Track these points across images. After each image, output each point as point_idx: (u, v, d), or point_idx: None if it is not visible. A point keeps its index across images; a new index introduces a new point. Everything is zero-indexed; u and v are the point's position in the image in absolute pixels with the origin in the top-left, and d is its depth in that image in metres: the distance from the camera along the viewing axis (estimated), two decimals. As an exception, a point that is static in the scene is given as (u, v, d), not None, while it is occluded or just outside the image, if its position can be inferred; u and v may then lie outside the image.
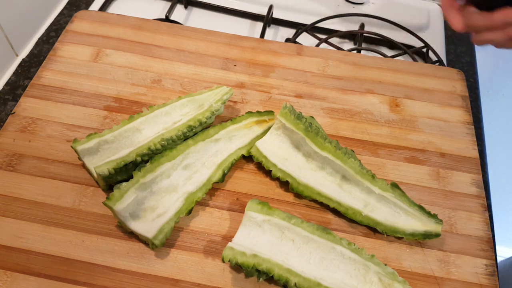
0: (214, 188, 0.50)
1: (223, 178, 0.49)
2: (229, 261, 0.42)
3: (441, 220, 0.47)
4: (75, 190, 0.48)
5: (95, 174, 0.47)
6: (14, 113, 0.54)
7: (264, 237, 0.44)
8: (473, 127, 0.57)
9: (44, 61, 0.59)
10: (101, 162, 0.46)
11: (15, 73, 0.62)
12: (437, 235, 0.46)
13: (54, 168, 0.50)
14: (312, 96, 0.58)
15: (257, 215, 0.44)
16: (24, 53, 0.65)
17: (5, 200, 0.47)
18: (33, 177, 0.49)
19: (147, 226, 0.44)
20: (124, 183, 0.44)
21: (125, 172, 0.47)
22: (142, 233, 0.44)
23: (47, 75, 0.57)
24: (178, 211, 0.45)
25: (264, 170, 0.51)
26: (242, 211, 0.48)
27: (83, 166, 0.50)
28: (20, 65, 0.63)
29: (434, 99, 0.60)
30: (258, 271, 0.42)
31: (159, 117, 0.51)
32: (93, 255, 0.44)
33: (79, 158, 0.48)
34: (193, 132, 0.50)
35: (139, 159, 0.46)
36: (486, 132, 0.65)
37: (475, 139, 0.56)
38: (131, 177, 0.46)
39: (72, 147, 0.48)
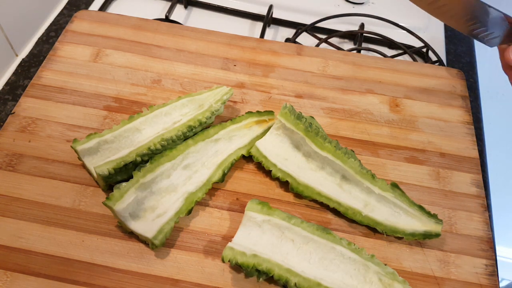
0: (214, 188, 0.50)
1: (223, 178, 0.49)
2: (229, 261, 0.42)
3: (441, 220, 0.47)
4: (75, 190, 0.48)
5: (95, 174, 0.47)
6: (14, 113, 0.54)
7: (264, 237, 0.44)
8: (473, 127, 0.57)
9: (44, 61, 0.59)
10: (101, 162, 0.46)
11: (15, 73, 0.62)
12: (437, 235, 0.46)
13: (54, 168, 0.50)
14: (312, 96, 0.58)
15: (257, 215, 0.44)
16: (24, 53, 0.65)
17: (5, 200, 0.47)
18: (33, 177, 0.49)
19: (147, 226, 0.44)
20: (124, 183, 0.44)
21: (125, 172, 0.47)
22: (142, 233, 0.44)
23: (47, 75, 0.57)
24: (178, 211, 0.45)
25: (264, 170, 0.51)
26: (242, 211, 0.48)
27: (83, 166, 0.50)
28: (20, 65, 0.63)
29: (434, 99, 0.60)
30: (258, 271, 0.42)
31: (159, 117, 0.51)
32: (93, 255, 0.44)
33: (79, 158, 0.48)
34: (193, 132, 0.50)
35: (139, 159, 0.46)
36: (486, 132, 0.65)
37: (475, 139, 0.56)
38: (131, 177, 0.46)
39: (72, 147, 0.48)
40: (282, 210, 0.46)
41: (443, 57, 0.72)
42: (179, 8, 0.74)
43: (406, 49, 0.70)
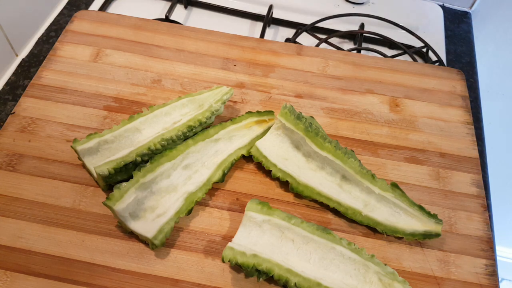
0: (214, 188, 0.50)
1: (223, 178, 0.49)
2: (229, 261, 0.42)
3: (441, 220, 0.47)
4: (75, 190, 0.48)
5: (95, 174, 0.47)
6: (14, 113, 0.54)
7: (264, 237, 0.44)
8: (473, 127, 0.57)
9: (44, 61, 0.59)
10: (101, 162, 0.46)
11: (15, 73, 0.62)
12: (437, 235, 0.46)
13: (54, 168, 0.50)
14: (312, 96, 0.58)
15: (257, 215, 0.44)
16: (24, 53, 0.65)
17: (5, 200, 0.47)
18: (33, 177, 0.49)
19: (147, 226, 0.44)
20: (124, 183, 0.44)
21: (125, 172, 0.47)
22: (142, 233, 0.44)
23: (47, 75, 0.57)
24: (178, 211, 0.45)
25: (264, 170, 0.51)
26: (242, 211, 0.48)
27: (83, 166, 0.50)
28: (20, 65, 0.64)
29: (434, 99, 0.60)
30: (258, 271, 0.42)
31: (159, 117, 0.51)
32: (93, 255, 0.44)
33: (79, 158, 0.48)
34: (193, 132, 0.50)
35: (139, 159, 0.47)
36: (486, 132, 0.65)
37: (475, 139, 0.56)
38: (131, 177, 0.46)
39: (72, 147, 0.48)
40: (282, 210, 0.46)
41: (443, 57, 0.72)
42: (179, 8, 0.74)
43: (406, 49, 0.70)
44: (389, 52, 0.71)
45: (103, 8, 0.72)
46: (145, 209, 0.45)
